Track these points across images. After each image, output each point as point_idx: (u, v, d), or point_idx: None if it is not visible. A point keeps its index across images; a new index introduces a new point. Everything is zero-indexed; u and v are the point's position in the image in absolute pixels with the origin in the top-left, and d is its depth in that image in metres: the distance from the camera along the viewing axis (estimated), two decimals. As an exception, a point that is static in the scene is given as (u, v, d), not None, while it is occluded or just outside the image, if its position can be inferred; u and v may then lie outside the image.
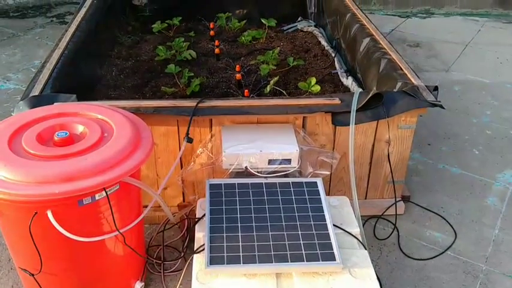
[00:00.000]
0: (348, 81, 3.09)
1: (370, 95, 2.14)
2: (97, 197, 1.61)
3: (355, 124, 2.12)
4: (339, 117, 2.16)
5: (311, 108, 2.12)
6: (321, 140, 2.28)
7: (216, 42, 3.42)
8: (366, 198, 2.50)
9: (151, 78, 3.20)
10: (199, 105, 2.11)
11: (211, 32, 3.76)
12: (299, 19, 4.31)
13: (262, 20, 3.87)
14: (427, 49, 4.49)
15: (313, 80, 2.74)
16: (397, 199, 2.48)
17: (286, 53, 3.59)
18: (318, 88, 2.72)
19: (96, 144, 1.68)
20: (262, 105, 2.14)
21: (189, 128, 2.07)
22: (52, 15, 5.03)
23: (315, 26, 4.09)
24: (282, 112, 2.12)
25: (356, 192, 2.17)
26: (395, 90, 2.39)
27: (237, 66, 3.00)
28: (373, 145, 2.34)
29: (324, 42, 3.73)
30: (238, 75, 3.00)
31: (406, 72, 2.46)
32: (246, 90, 2.74)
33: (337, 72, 3.25)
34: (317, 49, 3.69)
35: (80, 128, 1.77)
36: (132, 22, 4.15)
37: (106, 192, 1.60)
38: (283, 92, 2.89)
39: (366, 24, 3.06)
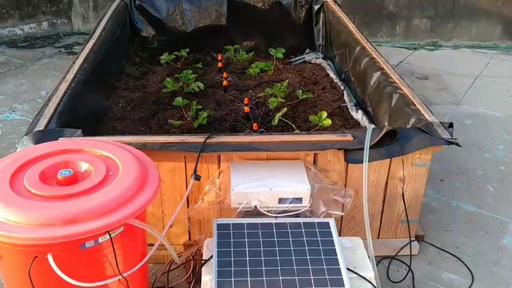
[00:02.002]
0: (358, 115, 3.04)
1: (383, 132, 2.07)
2: (100, 240, 1.54)
3: (368, 162, 2.05)
4: (351, 155, 2.09)
5: (323, 145, 2.06)
6: (333, 177, 2.21)
7: (224, 74, 3.39)
8: (378, 238, 2.41)
9: (158, 110, 3.16)
10: (208, 141, 2.05)
11: (220, 64, 3.74)
12: (307, 51, 4.30)
13: (270, 51, 3.86)
14: (436, 82, 4.45)
15: (324, 114, 2.69)
16: (411, 239, 2.38)
17: (295, 85, 3.56)
18: (329, 122, 2.66)
19: (101, 184, 1.62)
20: (273, 142, 2.08)
21: (196, 164, 2.01)
22: (60, 45, 5.06)
23: (323, 58, 4.07)
24: (292, 149, 2.06)
25: (370, 232, 2.09)
26: (408, 126, 2.32)
27: (245, 99, 2.96)
28: (387, 182, 2.27)
29: (332, 75, 3.70)
30: (246, 108, 2.96)
31: (419, 107, 2.41)
32: (254, 124, 2.68)
33: (346, 106, 3.20)
34: (326, 81, 3.66)
35: (85, 166, 1.71)
36: (140, 53, 4.15)
37: (110, 235, 1.53)
38: (292, 125, 2.84)
39: (376, 57, 3.02)
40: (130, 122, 3.03)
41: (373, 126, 2.16)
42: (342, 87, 3.45)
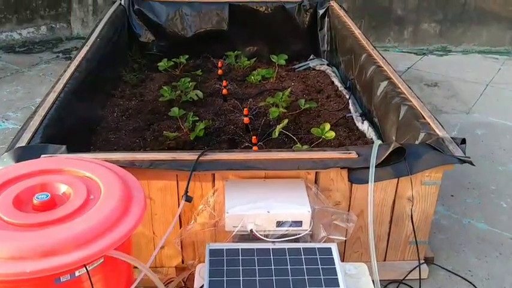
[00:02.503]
0: (364, 126, 2.89)
1: (391, 149, 1.92)
2: (77, 273, 1.39)
3: (374, 182, 1.89)
4: (355, 174, 1.94)
5: (325, 163, 1.91)
6: (336, 196, 2.05)
7: (224, 83, 3.25)
8: (385, 260, 2.25)
9: (154, 120, 3.02)
10: (201, 158, 1.90)
11: (219, 71, 3.59)
12: (311, 57, 4.15)
13: (272, 58, 3.71)
14: (445, 89, 4.28)
15: (327, 126, 2.54)
16: (421, 262, 2.22)
17: (298, 93, 3.41)
18: (332, 134, 2.51)
19: (80, 210, 1.48)
20: (270, 159, 1.93)
21: (188, 184, 1.86)
22: (58, 50, 4.94)
23: (328, 65, 3.91)
24: (292, 167, 1.91)
25: (375, 256, 1.93)
26: (417, 141, 2.17)
27: (245, 109, 2.81)
28: (394, 202, 2.11)
29: (337, 83, 3.55)
30: (246, 119, 2.82)
31: (429, 121, 2.25)
32: (253, 137, 2.54)
33: (352, 116, 3.05)
34: (330, 90, 3.51)
35: (63, 188, 1.57)
36: (138, 59, 4.02)
37: (86, 269, 1.38)
38: (294, 137, 2.69)
39: (383, 66, 2.87)
40: (124, 133, 2.90)
41: (379, 142, 2.01)
42: (347, 96, 3.30)
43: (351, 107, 3.17)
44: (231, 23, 4.06)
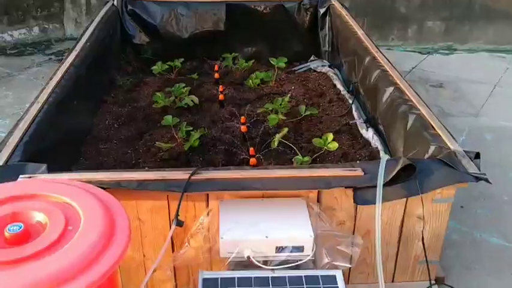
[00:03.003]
0: (369, 134, 2.73)
1: (399, 166, 1.76)
2: (52, 317, 1.24)
3: (381, 202, 1.74)
4: (361, 194, 1.79)
5: (328, 182, 1.75)
6: (340, 215, 1.90)
7: (220, 88, 3.09)
8: (393, 281, 2.10)
9: (147, 129, 2.87)
10: (193, 177, 1.75)
11: (216, 75, 3.44)
12: (312, 58, 3.99)
13: (271, 61, 3.55)
14: (452, 90, 4.12)
15: (330, 137, 2.38)
16: (432, 282, 2.07)
17: (298, 98, 3.25)
18: (335, 145, 2.35)
19: (57, 243, 1.32)
20: (269, 178, 1.77)
21: (179, 207, 1.71)
22: (51, 52, 4.78)
23: (330, 67, 3.75)
24: (292, 187, 1.76)
25: (383, 279, 1.78)
26: (427, 155, 2.01)
27: (242, 117, 2.65)
28: (402, 221, 1.96)
29: (339, 86, 3.39)
30: (243, 127, 2.66)
31: (439, 132, 2.09)
32: (251, 148, 2.38)
33: (355, 122, 2.89)
34: (332, 93, 3.35)
35: (39, 217, 1.42)
36: (132, 62, 3.86)
37: (61, 313, 1.23)
38: (294, 147, 2.53)
39: (388, 70, 2.71)
40: (115, 143, 2.75)
41: (387, 157, 1.86)
42: (350, 101, 3.14)
43: (354, 112, 3.01)
44: (229, 23, 3.90)
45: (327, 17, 3.89)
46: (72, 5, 5.03)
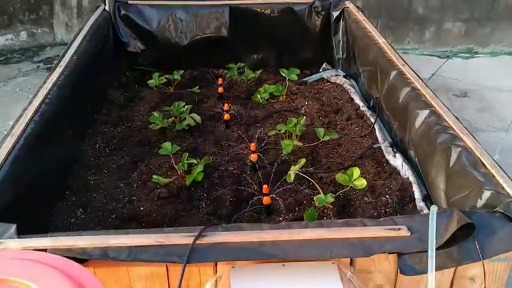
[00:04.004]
0: (397, 161, 2.38)
1: (455, 225, 1.41)
2: None
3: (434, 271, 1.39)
4: (408, 261, 1.43)
5: (368, 248, 1.41)
6: (377, 279, 1.56)
7: (226, 106, 2.73)
8: None
9: (143, 155, 2.52)
10: (199, 241, 1.40)
11: (220, 89, 3.08)
12: (324, 66, 3.63)
13: (282, 72, 3.19)
14: (477, 100, 3.77)
15: (356, 172, 2.02)
16: None
17: (312, 115, 2.90)
18: (363, 183, 1.99)
19: None
20: (293, 241, 1.42)
21: (181, 282, 1.36)
22: (39, 59, 4.43)
23: (345, 77, 3.39)
24: (323, 254, 1.40)
25: None
26: (481, 201, 1.66)
27: (252, 145, 2.30)
28: (452, 283, 1.61)
29: (358, 101, 3.03)
30: (253, 156, 2.31)
31: (492, 171, 1.74)
32: (264, 186, 2.03)
33: (380, 146, 2.54)
34: (350, 109, 2.99)
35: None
36: (127, 72, 3.51)
37: None
38: (312, 180, 2.18)
39: (419, 88, 2.35)
40: (106, 174, 2.40)
41: (435, 209, 1.50)
42: (371, 118, 2.79)
43: (377, 133, 2.66)
44: (232, 28, 3.53)
45: (341, 21, 3.53)
46: (62, 8, 4.66)
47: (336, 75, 3.45)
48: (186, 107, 2.75)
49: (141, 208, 2.11)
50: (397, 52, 2.79)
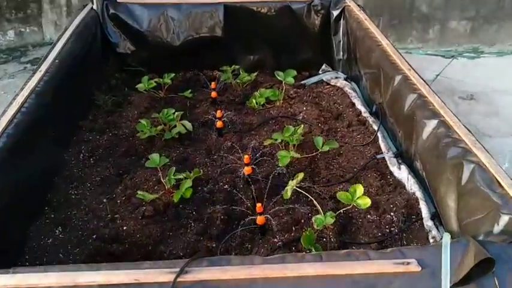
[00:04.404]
0: (402, 174, 2.21)
1: (472, 261, 1.24)
2: None
3: (448, 313, 1.22)
4: (419, 299, 1.26)
5: (372, 286, 1.23)
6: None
7: (219, 113, 2.56)
8: None
9: (129, 167, 2.35)
10: (181, 278, 1.23)
11: (213, 94, 2.90)
12: (323, 67, 3.45)
13: (277, 75, 3.01)
14: (484, 103, 3.60)
15: (359, 189, 1.84)
16: None
17: (311, 121, 2.72)
18: (367, 203, 1.82)
19: None
20: (289, 278, 1.25)
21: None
22: (27, 60, 4.25)
23: (346, 79, 3.22)
24: (321, 293, 1.23)
25: None
26: (498, 227, 1.49)
27: (246, 157, 2.13)
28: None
29: (359, 106, 2.86)
30: (247, 169, 2.14)
31: (510, 191, 1.57)
32: (258, 205, 1.86)
33: (383, 157, 2.37)
34: (351, 115, 2.82)
35: None
36: (116, 74, 3.33)
37: None
38: (311, 197, 2.01)
39: (427, 95, 2.18)
40: (89, 187, 2.23)
41: (448, 237, 1.33)
42: (374, 125, 2.62)
43: (380, 142, 2.49)
44: (227, 28, 3.35)
45: (342, 20, 3.35)
46: (50, 6, 4.47)
47: (336, 78, 3.28)
48: (176, 114, 2.58)
49: (124, 228, 1.94)
50: (401, 55, 2.61)
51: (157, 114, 2.59)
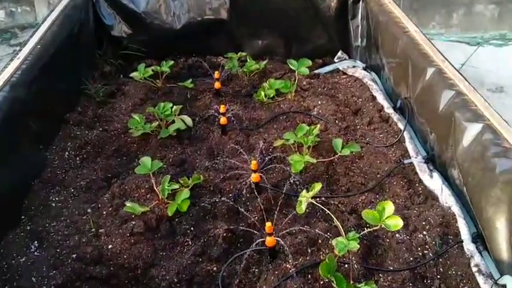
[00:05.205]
0: (434, 183, 1.90)
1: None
2: None
3: None
4: None
5: None
6: None
7: (222, 108, 2.24)
8: None
9: (118, 170, 2.06)
10: None
11: (217, 84, 2.58)
12: (339, 54, 3.12)
13: (290, 64, 2.68)
14: (516, 96, 3.26)
15: (389, 206, 1.53)
16: None
17: (327, 118, 2.40)
18: (398, 224, 1.50)
19: None
20: None
21: None
22: (17, 42, 3.93)
23: (365, 69, 2.89)
24: None
25: None
26: None
27: (254, 162, 1.81)
28: None
29: (381, 100, 2.54)
30: (254, 176, 1.83)
31: None
32: (268, 224, 1.55)
33: (411, 162, 2.06)
34: (372, 110, 2.50)
35: None
36: (111, 60, 3.01)
37: None
38: (329, 212, 1.70)
39: (467, 93, 1.86)
40: (72, 193, 1.94)
41: (509, 280, 1.02)
42: (399, 123, 2.30)
43: (407, 143, 2.17)
44: (233, 10, 3.03)
45: (361, 2, 3.01)
46: (43, -16, 4.14)
47: (354, 67, 2.95)
48: (174, 108, 2.27)
49: (110, 246, 1.65)
50: (433, 44, 2.28)
51: (152, 108, 2.28)
